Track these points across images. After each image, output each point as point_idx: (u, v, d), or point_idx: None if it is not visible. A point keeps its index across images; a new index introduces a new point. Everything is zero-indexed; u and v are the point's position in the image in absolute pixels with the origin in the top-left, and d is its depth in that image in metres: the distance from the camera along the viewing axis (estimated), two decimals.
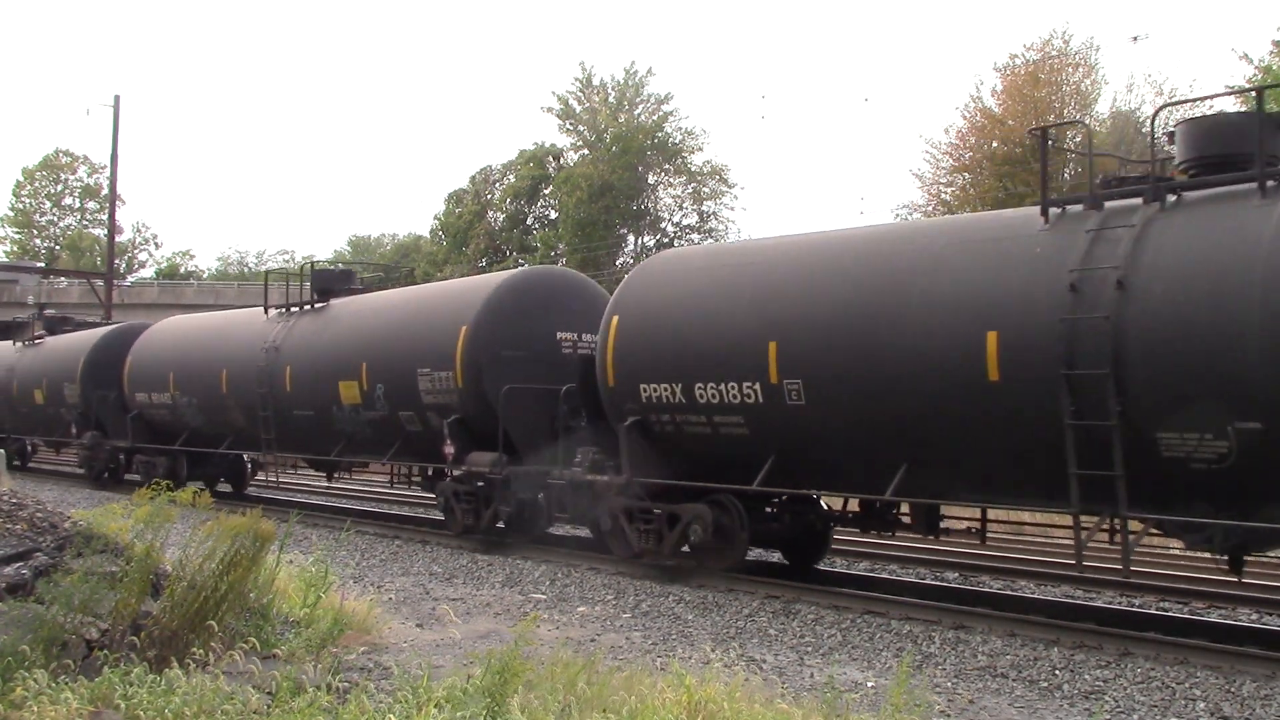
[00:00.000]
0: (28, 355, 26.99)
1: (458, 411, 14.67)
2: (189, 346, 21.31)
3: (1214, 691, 7.85)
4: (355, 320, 17.32)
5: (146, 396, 21.93)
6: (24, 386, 26.31)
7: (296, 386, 17.62)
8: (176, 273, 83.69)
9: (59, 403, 24.60)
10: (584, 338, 14.68)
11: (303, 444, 18.19)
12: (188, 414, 20.88)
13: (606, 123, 51.74)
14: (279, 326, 18.61)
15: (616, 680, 6.27)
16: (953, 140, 37.93)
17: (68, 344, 25.46)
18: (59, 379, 24.57)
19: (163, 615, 6.73)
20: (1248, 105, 15.45)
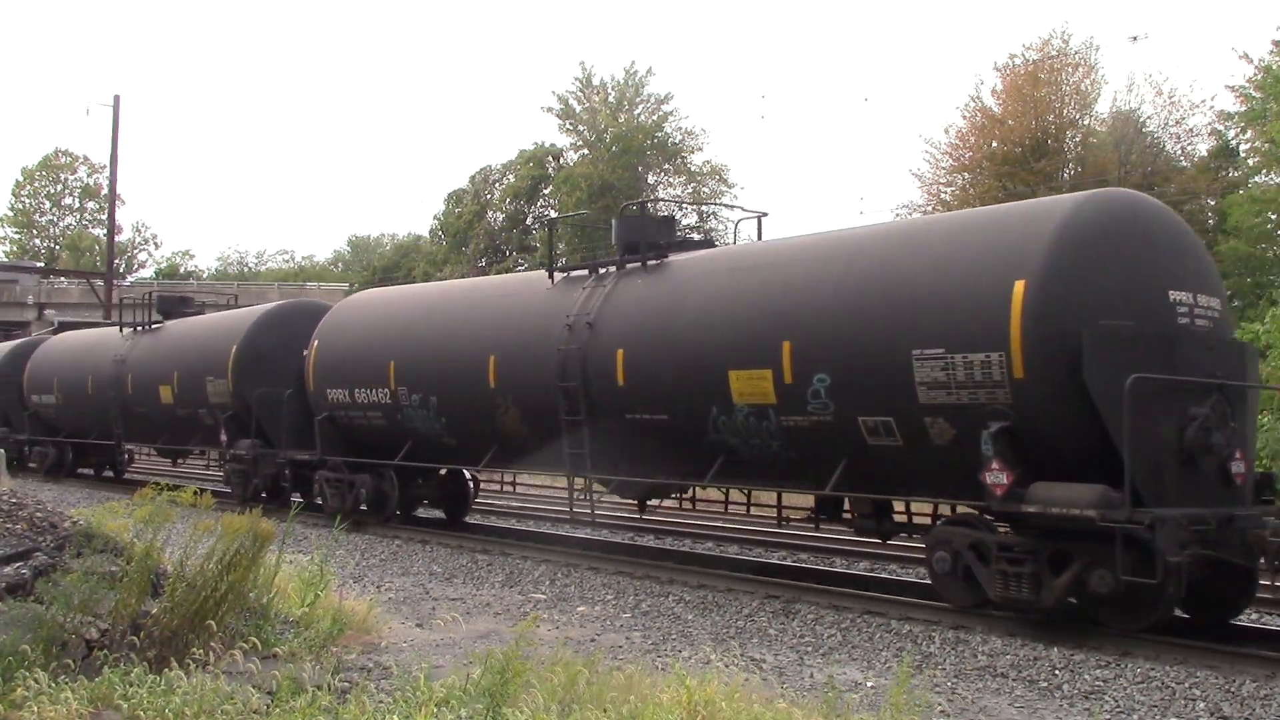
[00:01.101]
0: (144, 344, 23.03)
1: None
2: None
3: (1214, 691, 7.85)
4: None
5: (344, 395, 16.95)
6: (143, 382, 22.24)
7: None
8: (176, 273, 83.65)
9: (196, 401, 20.52)
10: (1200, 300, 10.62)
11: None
12: None
13: (606, 123, 51.77)
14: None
15: (616, 680, 6.27)
16: (952, 140, 38.01)
17: (206, 329, 21.62)
18: (198, 372, 20.49)
19: (163, 615, 6.73)
20: None
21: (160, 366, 21.70)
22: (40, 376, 26.58)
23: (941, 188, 38.21)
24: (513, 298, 14.76)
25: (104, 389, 23.32)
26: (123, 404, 22.73)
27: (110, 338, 24.66)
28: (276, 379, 18.65)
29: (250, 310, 21.67)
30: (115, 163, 42.72)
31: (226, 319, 21.85)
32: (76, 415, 25.17)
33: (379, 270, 67.10)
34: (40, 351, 27.53)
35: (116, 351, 23.43)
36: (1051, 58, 36.15)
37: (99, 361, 24.02)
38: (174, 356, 21.49)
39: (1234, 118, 33.04)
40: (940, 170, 38.40)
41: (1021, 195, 32.13)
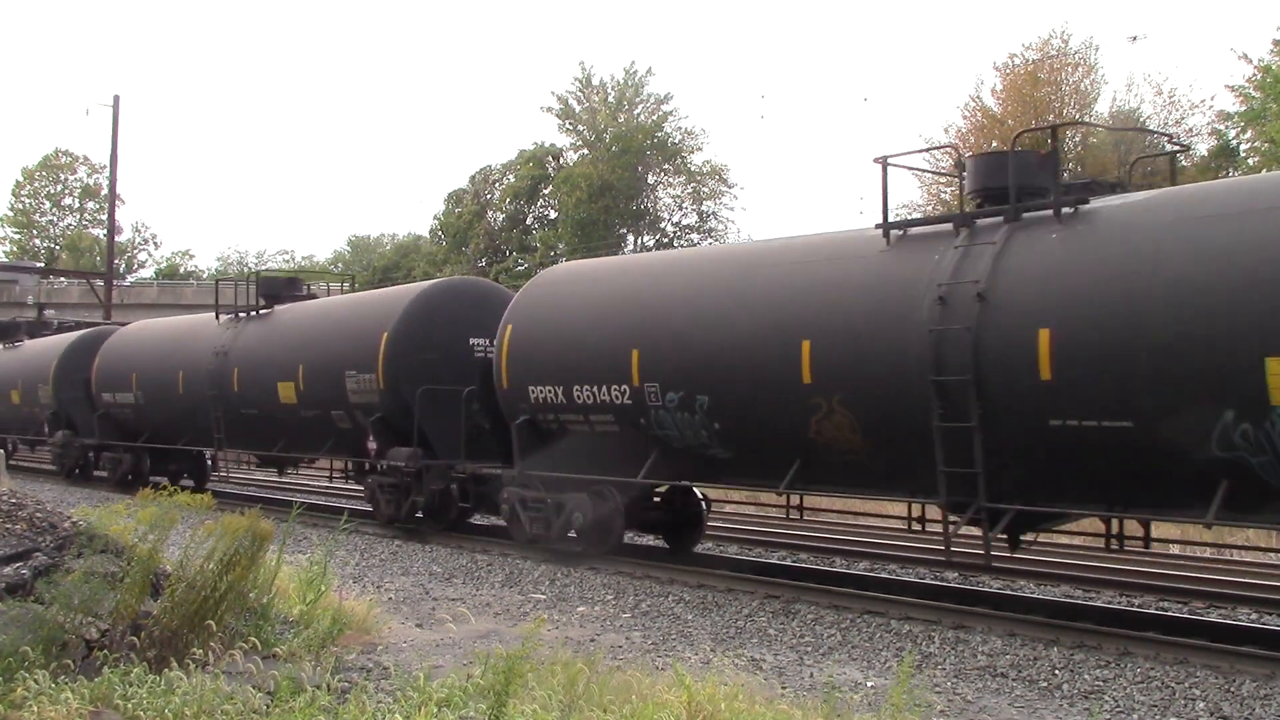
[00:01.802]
0: (252, 333, 19.66)
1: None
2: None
3: (1214, 691, 7.85)
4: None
5: (554, 393, 15.37)
6: (255, 379, 18.88)
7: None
8: (176, 273, 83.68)
9: (329, 401, 17.12)
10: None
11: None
12: None
13: (606, 123, 51.72)
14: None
15: (616, 680, 6.27)
16: (952, 140, 37.93)
17: (342, 314, 18.16)
18: (333, 366, 16.94)
19: (163, 615, 6.73)
20: None
21: (278, 360, 18.23)
22: (114, 372, 23.01)
23: (941, 187, 38.18)
24: (834, 263, 11.28)
25: (200, 387, 19.96)
26: (226, 404, 19.26)
27: (206, 327, 21.11)
28: (443, 374, 15.58)
29: (404, 289, 18.16)
30: (115, 163, 42.74)
31: (369, 300, 18.63)
32: (162, 417, 21.70)
33: (379, 270, 67.05)
34: (113, 343, 23.95)
35: (216, 342, 19.95)
36: (1051, 58, 36.14)
37: (193, 354, 20.54)
38: (296, 348, 18.02)
39: (1234, 118, 33.03)
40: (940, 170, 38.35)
41: None
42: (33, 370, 26.38)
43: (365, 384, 16.36)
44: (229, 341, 19.74)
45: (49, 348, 26.48)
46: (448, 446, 15.39)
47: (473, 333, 16.06)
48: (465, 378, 15.32)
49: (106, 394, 23.21)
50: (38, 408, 25.81)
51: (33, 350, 27.85)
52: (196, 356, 20.44)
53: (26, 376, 26.52)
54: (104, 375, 23.41)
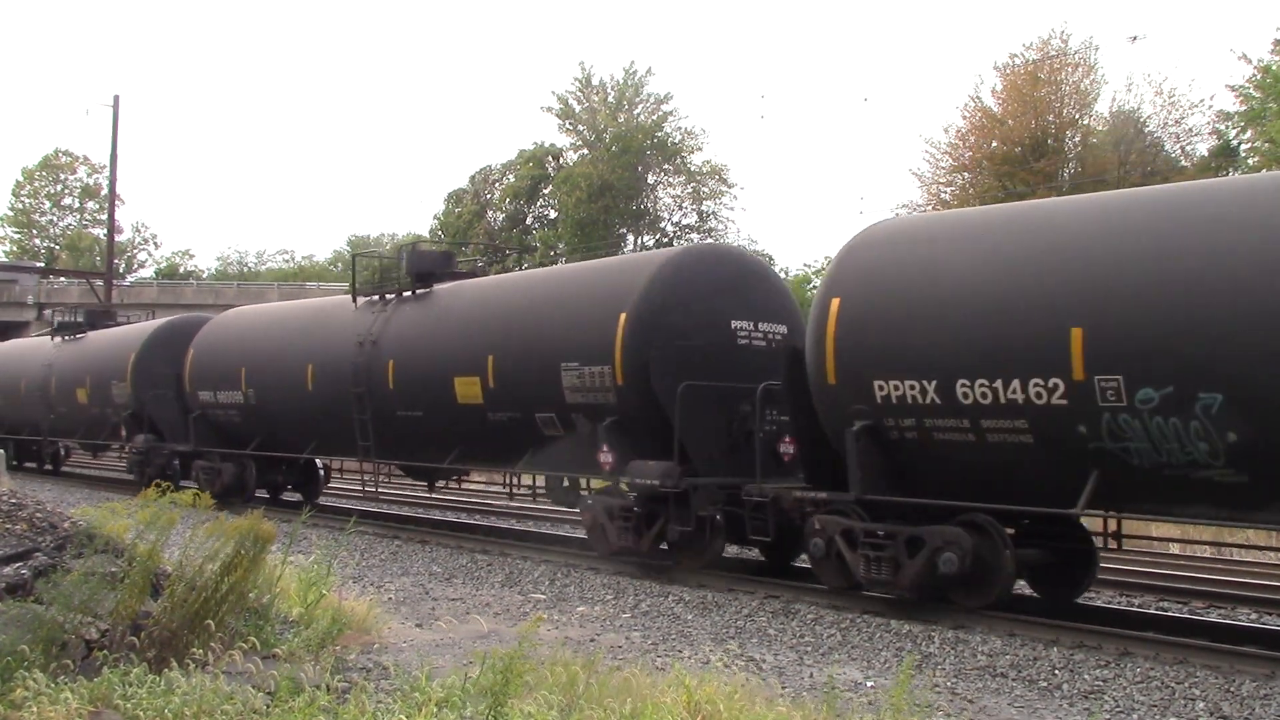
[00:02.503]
0: (408, 316, 16.22)
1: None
2: None
3: (1214, 691, 7.85)
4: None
5: None
6: (419, 372, 15.40)
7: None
8: (176, 272, 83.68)
9: (527, 400, 13.78)
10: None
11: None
12: None
13: (606, 122, 51.77)
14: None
15: (616, 680, 6.27)
16: (952, 140, 38.03)
17: (570, 287, 14.23)
18: (542, 355, 13.48)
19: (163, 615, 6.73)
20: None
21: (453, 350, 14.83)
22: (216, 367, 19.54)
23: (941, 187, 38.23)
24: None
25: (339, 384, 16.44)
26: (377, 404, 15.92)
27: (340, 311, 17.60)
28: (702, 367, 12.36)
29: (641, 257, 15.80)
30: (115, 163, 42.75)
31: (591, 273, 14.51)
32: (282, 420, 18.34)
33: (379, 270, 67.09)
34: (212, 333, 20.57)
35: (359, 329, 16.42)
36: (1051, 58, 36.15)
37: (328, 344, 17.00)
38: (480, 335, 14.48)
39: (1234, 117, 33.05)
40: (940, 170, 38.44)
41: (1022, 195, 32.16)
42: (104, 365, 22.89)
43: (593, 379, 12.66)
44: (377, 328, 16.10)
45: (123, 340, 23.00)
46: (710, 460, 12.06)
47: (736, 314, 12.62)
48: (727, 371, 12.17)
49: (205, 392, 19.66)
50: (110, 408, 22.58)
51: (101, 343, 24.18)
52: (333, 347, 16.80)
53: (96, 372, 23.07)
54: (201, 370, 19.83)
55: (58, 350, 25.84)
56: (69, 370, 24.59)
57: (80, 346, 25.12)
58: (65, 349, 25.64)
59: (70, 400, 24.30)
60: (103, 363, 23.04)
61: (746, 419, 12.07)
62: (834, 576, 10.89)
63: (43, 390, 25.42)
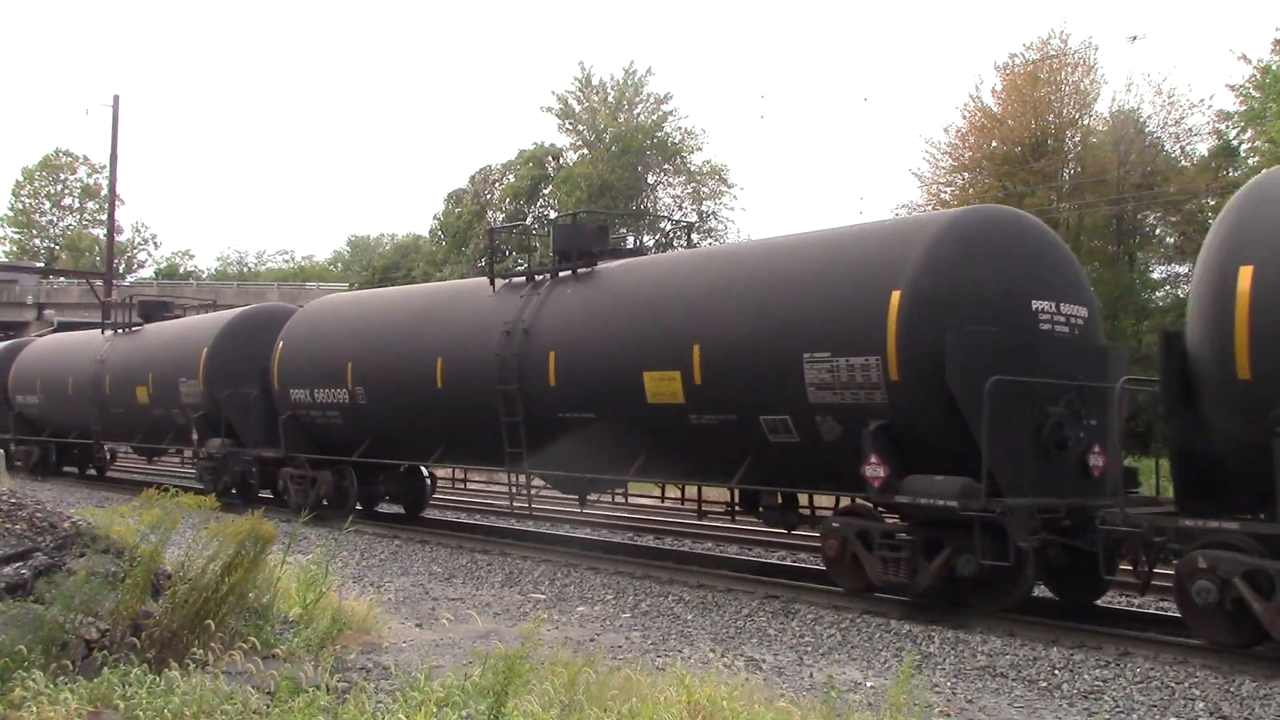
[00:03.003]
0: (567, 299, 13.82)
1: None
2: None
3: (1213, 691, 7.85)
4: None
5: None
6: (616, 366, 12.57)
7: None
8: (176, 273, 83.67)
9: (743, 402, 11.32)
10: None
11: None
12: None
13: (606, 122, 51.77)
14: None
15: (616, 680, 6.27)
16: (952, 140, 38.01)
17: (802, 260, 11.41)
18: (784, 343, 10.92)
19: (163, 616, 6.73)
20: None
21: (660, 340, 12.08)
22: (314, 362, 17.34)
23: (941, 187, 38.21)
24: None
25: (477, 379, 14.25)
26: (531, 406, 13.71)
27: (473, 295, 15.38)
28: (1006, 359, 9.78)
29: (915, 221, 12.74)
30: (115, 163, 42.75)
31: (840, 243, 11.36)
32: (398, 422, 16.06)
33: (379, 270, 67.08)
34: (304, 324, 18.26)
35: (499, 315, 14.20)
36: (1051, 58, 36.14)
37: (459, 334, 14.87)
38: (685, 320, 11.88)
39: (1234, 117, 33.05)
40: (940, 170, 38.41)
41: (1021, 195, 32.17)
42: (170, 361, 20.82)
43: (852, 374, 10.22)
44: (529, 314, 13.71)
45: (192, 332, 20.98)
46: (1016, 475, 9.68)
47: (1037, 293, 10.31)
48: (1028, 364, 9.84)
49: (298, 391, 17.46)
50: (177, 409, 20.55)
51: (164, 336, 22.16)
52: (471, 337, 14.47)
53: (161, 369, 20.99)
54: (294, 366, 17.65)
55: (111, 345, 23.55)
56: (126, 367, 22.39)
57: (138, 341, 22.93)
58: (120, 344, 23.34)
59: (128, 400, 22.10)
60: (168, 358, 20.97)
61: (1061, 424, 9.91)
62: (1221, 630, 8.66)
63: (95, 389, 23.21)
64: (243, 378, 18.87)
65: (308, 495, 16.41)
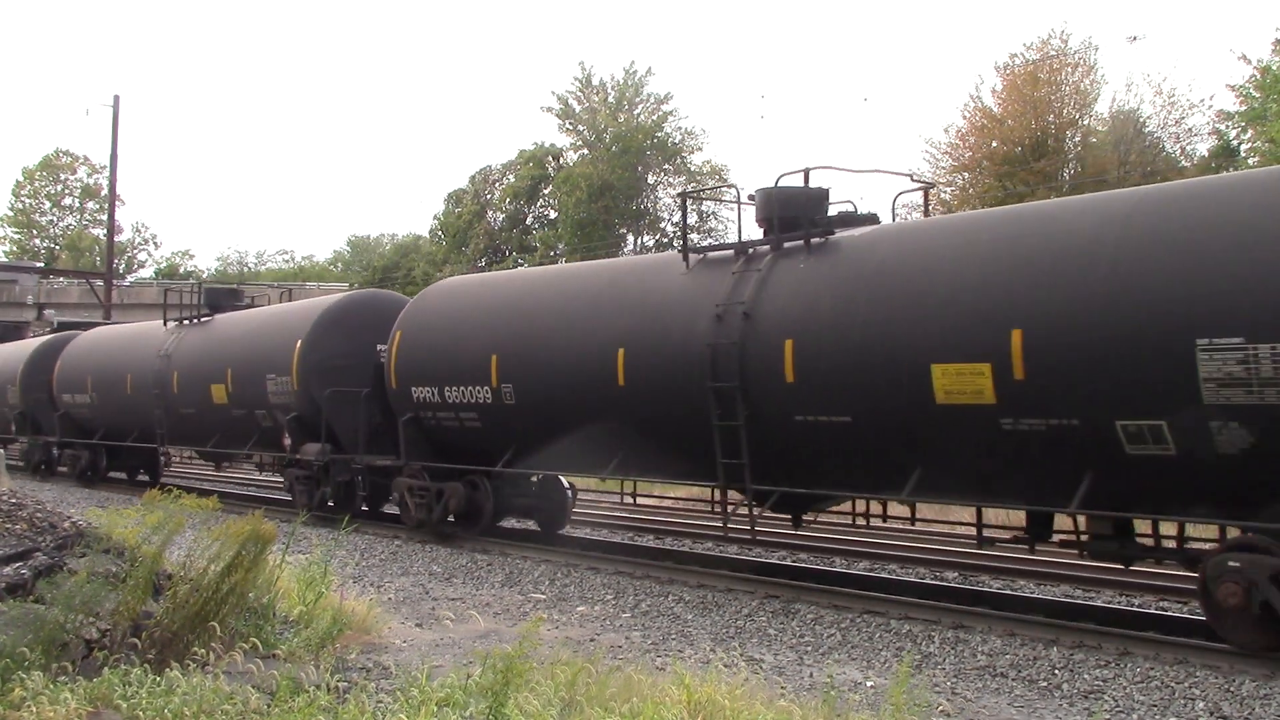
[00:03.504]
0: (796, 278, 11.51)
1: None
2: None
3: (1214, 691, 7.85)
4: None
5: None
6: (876, 358, 10.68)
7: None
8: (176, 273, 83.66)
9: None
10: None
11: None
12: None
13: (606, 122, 51.76)
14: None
15: (616, 680, 6.28)
16: (952, 140, 38.00)
17: None
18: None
19: (164, 616, 6.73)
20: None
21: (901, 324, 10.11)
22: (443, 355, 15.07)
23: (941, 187, 38.20)
24: None
25: (681, 373, 11.90)
26: (757, 407, 11.34)
27: (664, 271, 12.96)
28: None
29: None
30: (115, 163, 42.81)
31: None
32: (558, 426, 13.52)
33: (379, 270, 67.10)
34: (428, 310, 15.95)
35: (714, 294, 11.75)
36: (1051, 58, 36.15)
37: (647, 319, 12.53)
38: (995, 302, 9.72)
39: (1234, 117, 33.05)
40: (940, 170, 38.39)
41: (1021, 195, 32.16)
42: (253, 355, 18.48)
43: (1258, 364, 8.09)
44: (748, 294, 11.44)
45: (280, 322, 18.61)
46: None
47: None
48: None
49: (423, 389, 15.06)
50: (263, 409, 18.15)
51: (244, 327, 19.73)
52: (662, 322, 12.24)
53: (240, 364, 18.68)
54: (417, 360, 15.29)
55: (178, 338, 21.06)
56: (197, 362, 19.96)
57: (210, 333, 20.47)
58: (189, 336, 20.87)
59: (200, 399, 19.62)
60: (250, 352, 18.51)
61: None
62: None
63: (159, 387, 20.77)
64: (347, 374, 16.69)
65: (432, 510, 14.60)
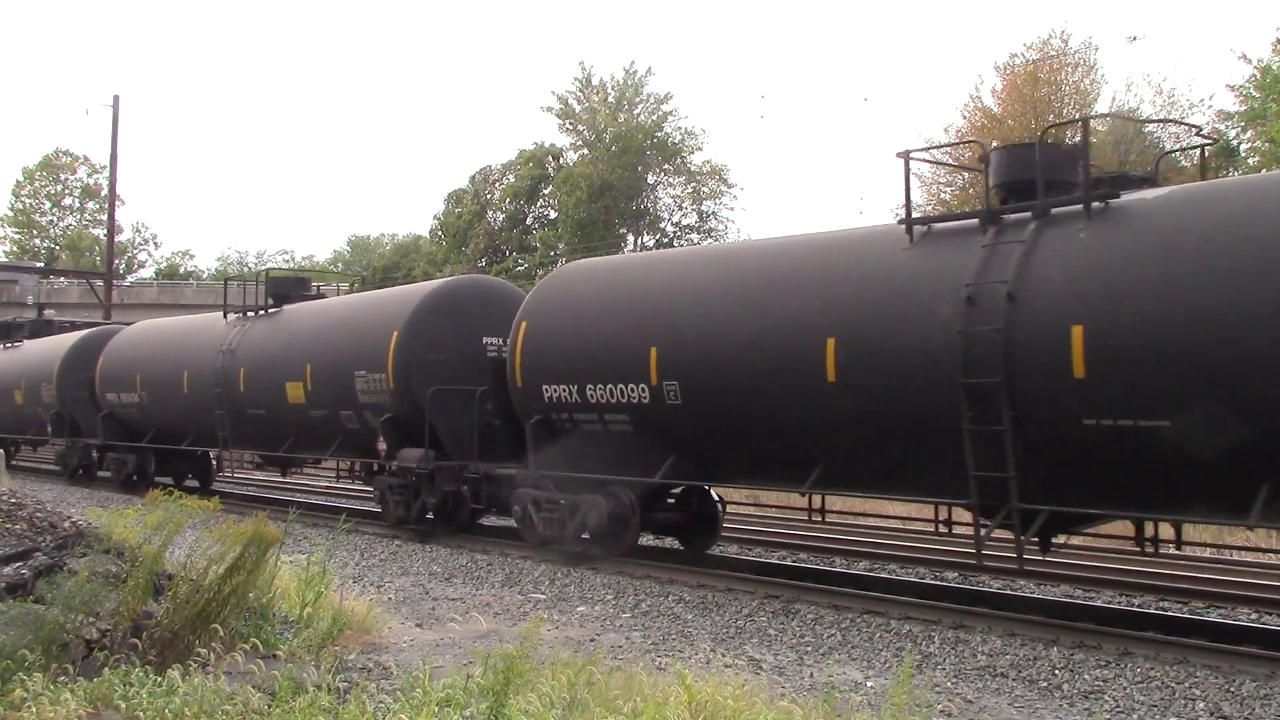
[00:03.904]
0: (1077, 249, 9.49)
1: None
2: None
3: (1214, 691, 7.85)
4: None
5: None
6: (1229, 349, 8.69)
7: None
8: (176, 273, 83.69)
9: None
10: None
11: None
12: None
13: (606, 122, 51.72)
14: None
15: (617, 680, 6.28)
16: (952, 140, 37.94)
17: None
18: None
19: (165, 617, 6.73)
20: None
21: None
22: (587, 347, 13.12)
23: (941, 187, 38.20)
24: None
25: (919, 368, 10.02)
26: (1034, 408, 8.93)
27: (873, 247, 10.98)
28: None
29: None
30: (115, 163, 42.78)
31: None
32: (750, 435, 11.65)
33: (379, 270, 67.05)
34: (565, 292, 14.05)
35: (953, 274, 9.41)
36: (1051, 58, 36.14)
37: (866, 306, 10.50)
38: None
39: (1234, 117, 33.03)
40: (940, 170, 38.37)
41: None
42: (337, 350, 16.71)
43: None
44: (1009, 271, 9.53)
45: (368, 312, 17.06)
46: None
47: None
48: None
49: (554, 387, 13.27)
50: (347, 410, 16.40)
51: (325, 319, 18.02)
52: (877, 309, 10.43)
53: (322, 360, 16.97)
54: (546, 354, 13.53)
55: (243, 332, 19.43)
56: (269, 358, 18.29)
57: (280, 326, 18.92)
58: (255, 329, 19.28)
59: (272, 399, 17.97)
60: (334, 346, 16.86)
61: None
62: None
63: (222, 385, 19.00)
64: (453, 370, 15.03)
65: (565, 525, 13.03)
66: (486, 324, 15.20)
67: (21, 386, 26.03)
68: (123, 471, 22.90)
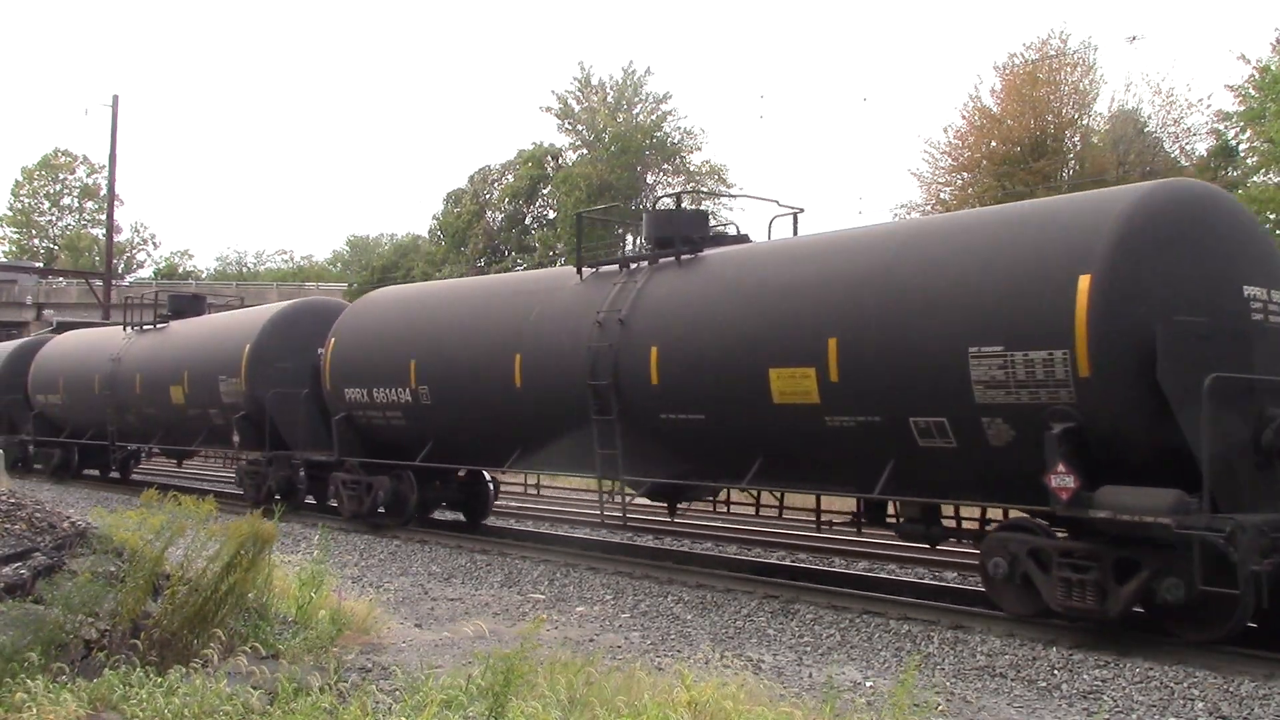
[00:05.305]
0: None
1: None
2: None
3: (1213, 691, 7.85)
4: None
5: None
6: None
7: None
8: (175, 273, 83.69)
9: None
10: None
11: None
12: None
13: (605, 122, 51.77)
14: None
15: (616, 680, 6.28)
16: (952, 140, 37.97)
17: None
18: None
19: (163, 617, 6.73)
20: None
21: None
22: None
23: (941, 187, 38.20)
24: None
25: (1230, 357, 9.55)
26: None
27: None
28: None
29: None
30: (114, 163, 42.76)
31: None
32: None
33: (378, 270, 67.05)
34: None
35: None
36: (1050, 58, 36.14)
37: None
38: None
39: (1233, 117, 33.04)
40: (939, 170, 38.38)
41: (1020, 195, 32.14)
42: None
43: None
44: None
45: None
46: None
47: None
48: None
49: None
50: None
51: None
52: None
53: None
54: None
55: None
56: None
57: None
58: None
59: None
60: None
61: None
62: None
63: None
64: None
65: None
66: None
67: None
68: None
